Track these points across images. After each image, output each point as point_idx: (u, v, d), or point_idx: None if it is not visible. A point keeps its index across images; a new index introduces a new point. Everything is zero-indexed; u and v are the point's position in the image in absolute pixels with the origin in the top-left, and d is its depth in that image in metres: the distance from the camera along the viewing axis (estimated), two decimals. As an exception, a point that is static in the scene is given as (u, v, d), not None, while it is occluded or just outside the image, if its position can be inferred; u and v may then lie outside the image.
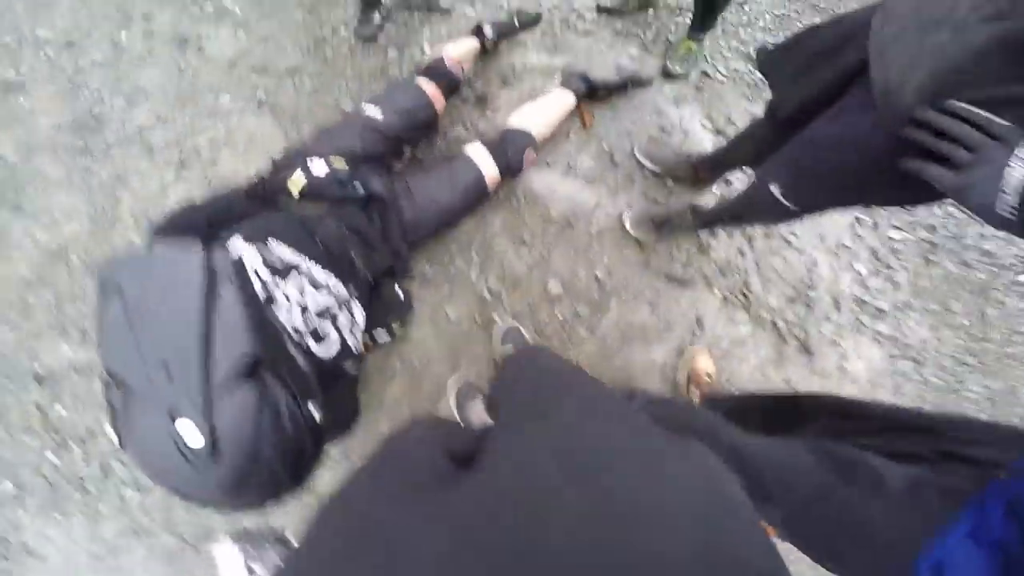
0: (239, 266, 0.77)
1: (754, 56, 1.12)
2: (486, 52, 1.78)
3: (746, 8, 1.98)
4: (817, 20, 0.94)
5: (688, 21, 2.11)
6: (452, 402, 1.45)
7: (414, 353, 1.52)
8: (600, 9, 2.03)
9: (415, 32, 1.90)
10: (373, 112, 1.31)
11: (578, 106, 1.68)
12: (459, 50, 1.59)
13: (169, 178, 1.71)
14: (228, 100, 1.79)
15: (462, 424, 1.44)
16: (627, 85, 1.72)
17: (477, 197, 1.43)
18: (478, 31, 1.73)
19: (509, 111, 1.68)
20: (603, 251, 1.64)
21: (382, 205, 1.27)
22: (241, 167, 1.69)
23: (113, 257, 0.72)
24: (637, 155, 1.70)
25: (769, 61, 1.02)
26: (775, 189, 0.97)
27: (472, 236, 1.60)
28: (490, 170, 1.40)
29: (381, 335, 1.25)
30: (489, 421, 1.43)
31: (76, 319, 1.70)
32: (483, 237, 1.60)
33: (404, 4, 1.98)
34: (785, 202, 0.97)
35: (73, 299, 1.71)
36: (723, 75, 1.97)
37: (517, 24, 1.79)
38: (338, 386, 0.92)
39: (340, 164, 1.22)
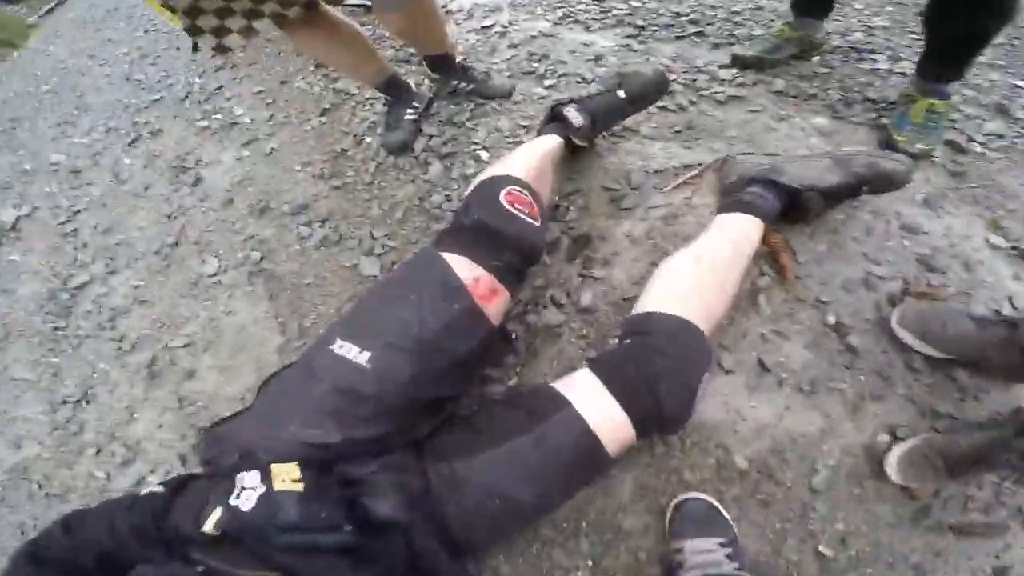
0: None
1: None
2: (577, 151, 1.08)
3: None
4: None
5: (881, 67, 1.34)
6: None
7: None
8: (738, 62, 1.31)
9: (465, 132, 1.26)
10: (352, 355, 0.65)
11: (768, 241, 0.92)
12: (527, 162, 0.87)
13: (138, 394, 1.21)
14: (215, 266, 1.26)
15: None
16: (860, 189, 0.91)
17: (587, 475, 0.74)
18: (557, 118, 1.01)
19: (635, 265, 0.96)
20: (835, 511, 0.86)
21: (402, 529, 0.64)
22: (221, 386, 1.14)
23: None
24: (897, 329, 0.89)
25: None
26: None
27: (582, 508, 0.89)
28: (613, 425, 0.68)
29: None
30: None
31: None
32: (601, 510, 0.88)
33: (445, 92, 1.36)
34: None
35: (37, 531, 1.28)
36: (981, 145, 1.15)
37: (625, 97, 1.03)
38: None
39: (288, 480, 0.58)
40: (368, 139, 1.37)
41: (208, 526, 0.54)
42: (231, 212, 1.36)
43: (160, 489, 0.62)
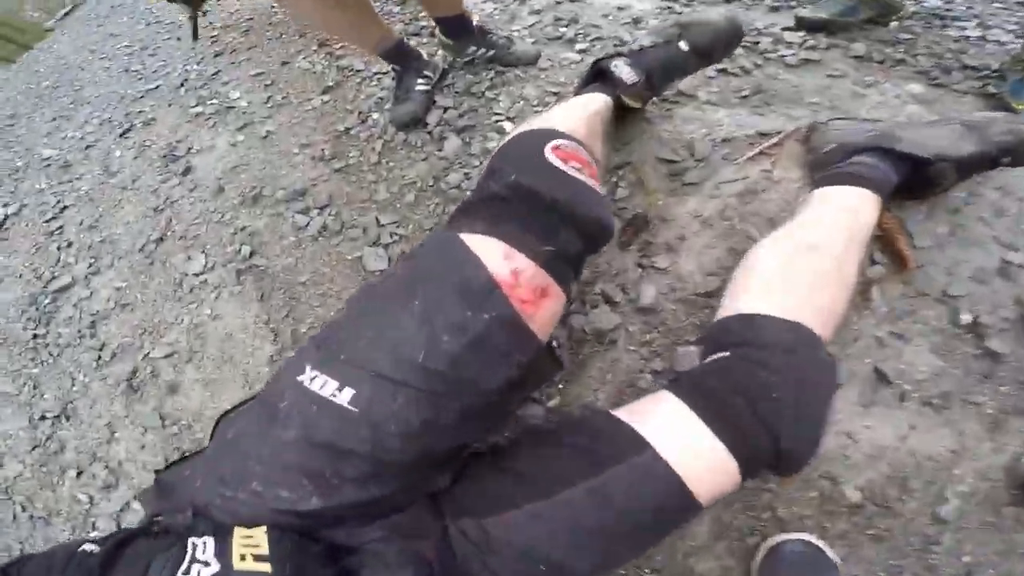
0: None
1: None
2: (623, 117, 0.89)
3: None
4: None
5: (971, 34, 1.20)
6: None
7: None
8: (804, 25, 1.14)
9: (485, 102, 1.08)
10: (328, 391, 0.45)
11: (880, 222, 0.71)
12: (573, 118, 0.67)
13: (118, 410, 1.06)
14: (201, 263, 1.10)
15: None
16: (998, 160, 0.70)
17: (667, 531, 0.56)
18: (602, 75, 0.82)
19: (709, 253, 0.76)
20: (962, 543, 0.69)
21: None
22: (206, 403, 0.98)
23: None
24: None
25: None
26: None
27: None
28: (710, 469, 0.50)
29: None
30: None
31: None
32: (670, 552, 0.71)
33: (462, 61, 1.18)
34: None
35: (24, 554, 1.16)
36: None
37: (688, 49, 0.82)
38: None
39: (250, 556, 0.40)
40: (375, 115, 1.20)
41: None
42: (221, 202, 1.20)
43: (95, 548, 0.46)
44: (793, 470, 0.54)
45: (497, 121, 1.03)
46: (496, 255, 0.49)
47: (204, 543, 0.41)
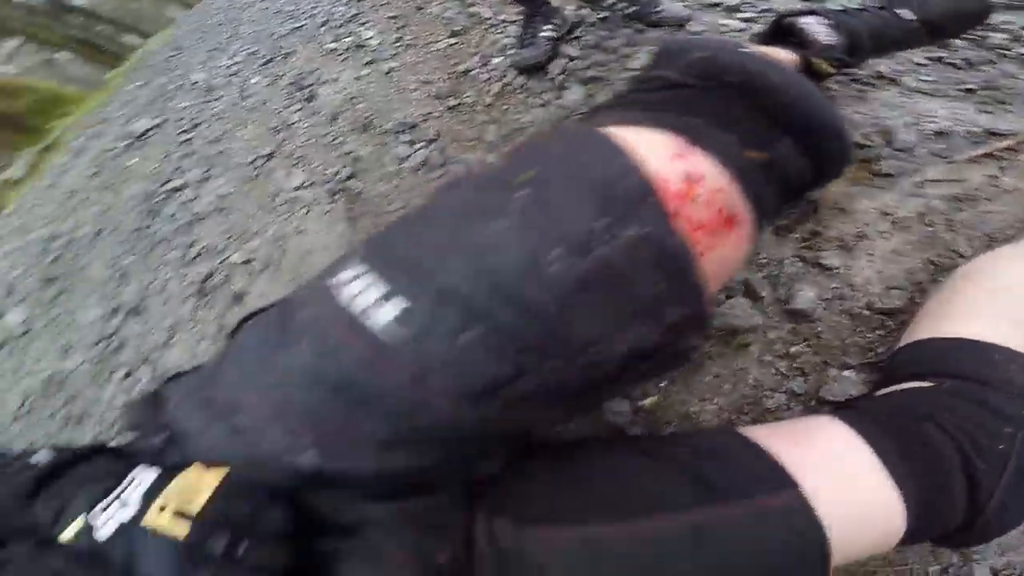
0: None
1: None
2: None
3: None
4: None
5: None
6: None
7: None
8: None
9: (618, 58, 0.96)
10: (366, 300, 0.29)
11: None
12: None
13: (184, 313, 1.06)
14: (300, 180, 1.08)
15: None
16: None
17: None
18: (785, 33, 0.64)
19: (897, 261, 0.57)
20: None
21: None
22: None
23: None
24: None
25: None
26: None
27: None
28: (866, 525, 0.34)
29: None
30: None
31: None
32: None
33: (597, 10, 1.06)
34: None
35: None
36: None
37: (914, 20, 0.64)
38: None
39: (170, 512, 0.27)
40: (497, 60, 1.12)
41: (68, 534, 0.27)
42: (334, 128, 1.18)
43: (42, 460, 0.35)
44: (979, 543, 0.37)
45: (624, 77, 0.90)
46: (662, 151, 0.31)
47: (141, 479, 0.30)
